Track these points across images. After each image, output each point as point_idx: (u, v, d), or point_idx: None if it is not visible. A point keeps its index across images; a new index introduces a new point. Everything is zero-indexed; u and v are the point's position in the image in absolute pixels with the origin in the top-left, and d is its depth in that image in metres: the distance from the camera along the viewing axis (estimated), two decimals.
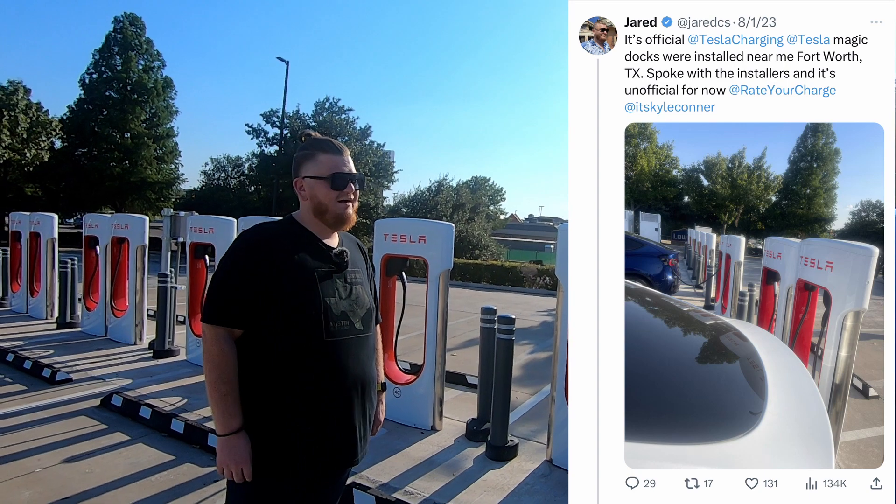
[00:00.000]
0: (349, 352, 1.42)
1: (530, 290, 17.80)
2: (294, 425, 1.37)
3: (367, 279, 1.61)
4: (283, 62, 22.11)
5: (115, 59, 26.28)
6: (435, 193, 25.90)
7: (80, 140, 25.89)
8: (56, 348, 5.46)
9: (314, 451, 1.39)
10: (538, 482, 3.08)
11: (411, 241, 3.89)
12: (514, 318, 3.51)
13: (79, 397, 4.07)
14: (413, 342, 5.94)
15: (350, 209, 1.50)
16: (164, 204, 27.05)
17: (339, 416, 1.42)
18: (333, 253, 1.48)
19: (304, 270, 1.39)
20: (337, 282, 1.45)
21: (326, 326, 1.39)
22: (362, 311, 1.49)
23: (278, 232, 1.46)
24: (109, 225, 6.06)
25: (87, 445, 3.27)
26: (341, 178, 1.46)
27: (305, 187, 1.48)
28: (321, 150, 1.48)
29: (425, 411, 3.80)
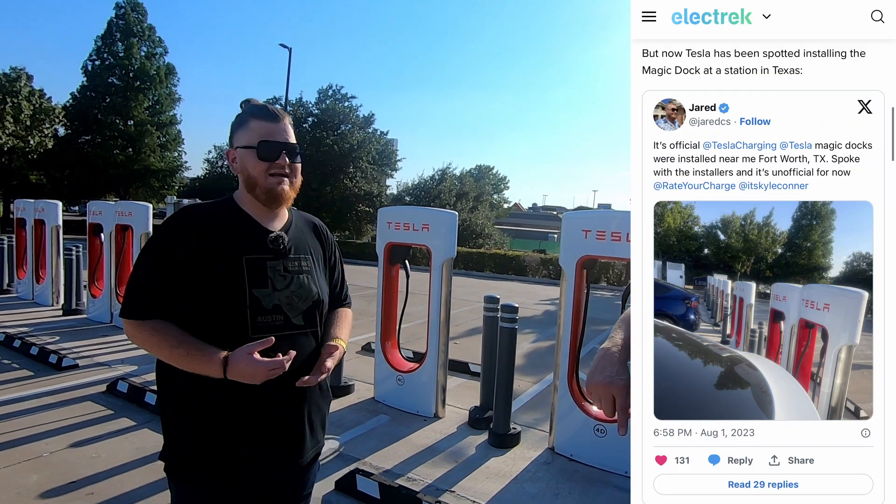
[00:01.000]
0: (281, 350, 1.21)
1: (533, 279, 17.81)
2: (214, 426, 1.21)
3: (322, 268, 1.41)
4: (286, 49, 21.92)
5: (118, 45, 26.21)
6: (438, 182, 25.83)
7: (84, 127, 25.93)
8: (62, 335, 5.51)
9: (235, 455, 1.23)
10: (540, 469, 3.10)
11: (415, 230, 3.87)
12: (518, 307, 3.51)
13: (85, 383, 4.11)
14: (416, 330, 5.96)
15: (285, 185, 1.28)
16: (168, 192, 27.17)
17: (265, 419, 1.24)
18: (269, 238, 1.28)
19: (228, 257, 1.22)
20: (272, 270, 1.26)
21: (252, 321, 1.22)
22: (304, 304, 1.30)
23: (208, 214, 1.28)
24: (113, 212, 6.07)
25: (93, 430, 3.31)
26: (268, 146, 1.25)
27: (238, 159, 1.28)
28: (253, 115, 1.28)
29: (428, 399, 3.82)
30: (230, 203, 1.32)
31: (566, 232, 3.32)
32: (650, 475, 0.85)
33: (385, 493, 2.60)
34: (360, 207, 24.30)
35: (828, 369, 2.98)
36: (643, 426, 0.85)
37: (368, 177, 24.61)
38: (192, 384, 1.20)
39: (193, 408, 1.22)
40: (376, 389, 4.11)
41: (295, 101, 25.53)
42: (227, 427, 1.22)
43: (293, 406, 1.29)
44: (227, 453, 1.23)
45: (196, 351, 1.17)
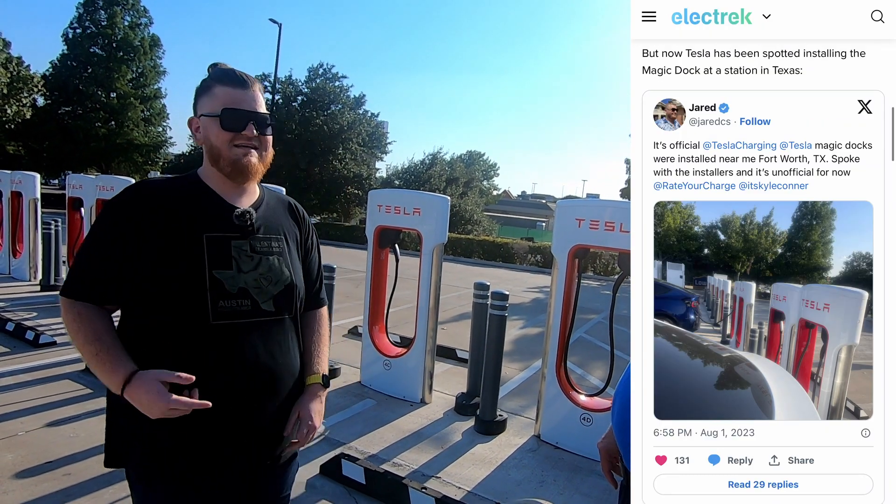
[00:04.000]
0: (247, 338, 1.12)
1: (521, 266, 17.88)
2: (167, 424, 1.05)
3: (296, 250, 1.28)
4: (276, 24, 21.36)
5: (100, 13, 25.31)
6: (429, 166, 25.64)
7: (64, 98, 25.12)
8: (40, 311, 5.37)
9: (188, 456, 1.11)
10: (526, 456, 3.11)
11: (406, 214, 3.82)
12: (508, 295, 3.49)
13: (63, 360, 4.01)
14: (403, 315, 5.93)
15: (252, 157, 1.16)
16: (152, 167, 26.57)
17: (224, 416, 1.10)
18: (234, 214, 1.16)
19: (186, 235, 1.10)
20: (238, 250, 1.15)
21: (214, 306, 1.09)
22: (275, 288, 1.18)
23: (166, 188, 1.15)
24: (94, 186, 5.89)
25: (71, 409, 3.23)
26: (234, 114, 1.13)
27: (201, 128, 1.16)
28: (219, 81, 1.16)
29: (415, 384, 3.80)
30: (193, 178, 1.20)
31: (559, 220, 3.29)
32: (650, 475, 0.85)
33: (370, 478, 2.59)
34: (348, 190, 24.04)
35: (828, 369, 3.07)
36: (643, 426, 0.85)
37: (358, 159, 24.31)
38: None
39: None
40: (363, 373, 4.08)
41: (284, 78, 25.00)
42: (193, 427, 1.09)
43: (250, 408, 1.15)
44: (192, 453, 1.11)
45: (106, 354, 1.06)
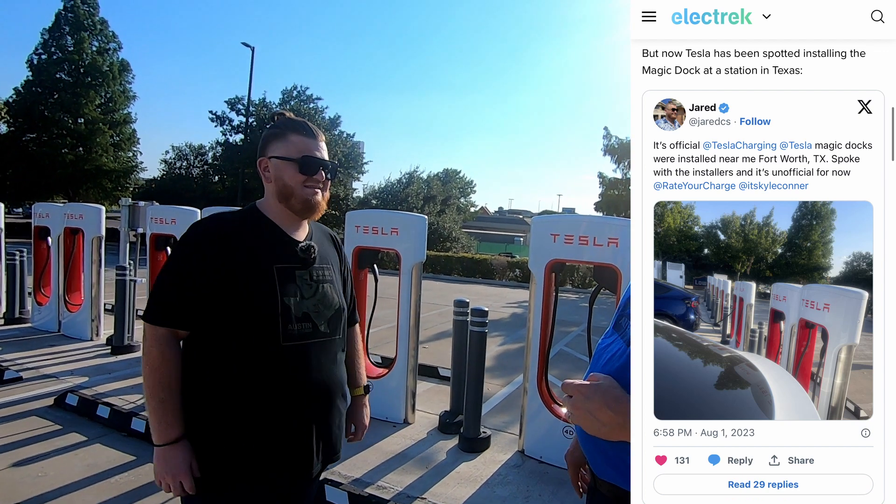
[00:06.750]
0: (310, 357, 1.28)
1: (501, 282, 17.96)
2: (243, 435, 1.23)
3: (340, 276, 1.46)
4: (249, 48, 21.37)
5: (66, 39, 24.88)
6: (406, 185, 25.75)
7: (29, 124, 24.47)
8: (4, 345, 5.14)
9: (263, 462, 1.25)
10: (511, 472, 3.11)
11: (384, 234, 3.83)
12: (487, 311, 3.52)
13: (29, 396, 3.85)
14: (384, 335, 5.89)
15: (319, 196, 1.36)
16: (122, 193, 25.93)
17: (294, 425, 1.27)
18: (299, 248, 1.33)
19: (261, 266, 1.25)
20: (300, 279, 1.31)
21: (284, 329, 1.25)
22: (329, 312, 1.35)
23: (235, 222, 1.31)
24: (62, 215, 5.73)
25: (39, 447, 3.10)
26: (312, 161, 1.33)
27: (270, 168, 1.33)
28: (293, 130, 1.34)
29: (398, 404, 3.77)
30: (256, 213, 1.35)
31: (535, 236, 3.35)
32: (650, 475, 0.85)
33: (354, 503, 2.54)
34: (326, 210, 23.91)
35: (828, 369, 3.08)
36: (643, 426, 0.85)
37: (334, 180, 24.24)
38: (222, 398, 1.23)
39: (226, 420, 1.23)
40: None
41: (258, 101, 24.95)
42: (272, 434, 1.25)
43: (313, 417, 1.32)
44: (268, 460, 1.26)
45: (171, 405, 1.21)
